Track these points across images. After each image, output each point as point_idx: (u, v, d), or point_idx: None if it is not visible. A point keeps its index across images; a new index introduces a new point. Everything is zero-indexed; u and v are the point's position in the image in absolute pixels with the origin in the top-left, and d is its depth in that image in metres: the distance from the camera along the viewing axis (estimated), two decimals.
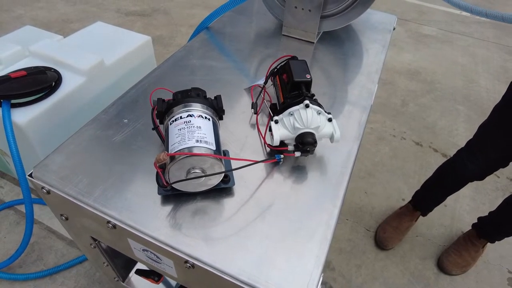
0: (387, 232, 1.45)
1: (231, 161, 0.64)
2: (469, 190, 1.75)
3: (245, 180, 0.64)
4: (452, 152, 1.82)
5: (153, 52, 1.61)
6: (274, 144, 0.64)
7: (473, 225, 1.42)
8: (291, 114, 0.64)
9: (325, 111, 0.66)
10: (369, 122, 2.08)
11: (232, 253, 0.53)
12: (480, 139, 1.14)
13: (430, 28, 3.18)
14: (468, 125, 2.14)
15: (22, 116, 1.13)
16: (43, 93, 1.19)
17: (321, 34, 1.12)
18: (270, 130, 0.65)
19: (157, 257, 0.59)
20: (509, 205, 1.21)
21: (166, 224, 0.56)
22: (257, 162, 0.60)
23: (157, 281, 0.85)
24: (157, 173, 0.55)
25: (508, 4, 3.85)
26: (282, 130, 0.65)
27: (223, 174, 0.57)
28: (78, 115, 1.28)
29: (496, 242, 1.48)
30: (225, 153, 0.67)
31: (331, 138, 0.66)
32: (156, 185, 0.60)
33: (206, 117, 0.59)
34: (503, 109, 1.06)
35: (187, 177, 0.53)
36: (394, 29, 1.28)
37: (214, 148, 0.55)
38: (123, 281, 0.94)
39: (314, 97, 0.69)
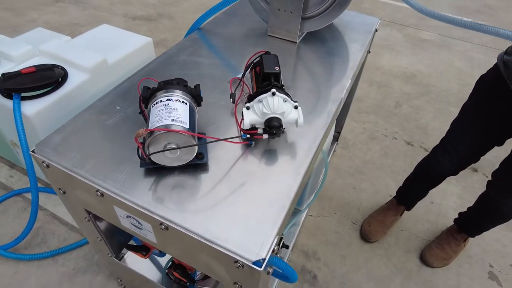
0: (372, 225, 1.51)
1: (207, 140, 0.72)
2: (457, 188, 1.80)
3: (221, 159, 0.73)
4: None
5: (153, 53, 1.72)
6: (245, 128, 0.73)
7: (455, 220, 1.47)
8: (260, 101, 0.72)
9: (292, 100, 0.74)
10: (362, 122, 2.16)
11: (200, 217, 0.61)
12: (451, 136, 1.20)
13: (428, 33, 3.24)
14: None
15: (31, 108, 1.24)
16: (50, 88, 1.30)
17: (304, 34, 1.20)
18: (242, 115, 0.74)
19: (139, 222, 0.67)
20: (484, 200, 1.27)
21: (147, 193, 0.65)
22: (220, 139, 0.69)
23: (145, 255, 0.94)
24: (138, 147, 0.64)
25: (509, 11, 3.88)
26: (253, 115, 0.73)
27: (196, 150, 0.65)
28: (82, 108, 1.38)
29: (480, 238, 1.53)
30: (203, 134, 0.76)
31: (296, 123, 0.74)
32: (139, 161, 0.68)
33: (183, 102, 0.68)
34: (470, 108, 1.12)
35: (163, 150, 0.62)
36: (376, 30, 1.36)
37: (188, 127, 0.64)
38: (116, 257, 1.02)
39: (283, 87, 0.77)
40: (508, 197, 1.12)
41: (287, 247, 1.25)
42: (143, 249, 0.94)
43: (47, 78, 1.31)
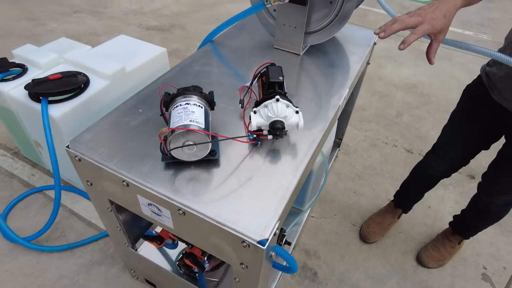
0: (370, 227, 1.59)
1: (218, 138, 0.83)
2: (454, 194, 1.87)
3: (230, 157, 0.83)
4: None
5: (167, 62, 1.84)
6: (252, 129, 0.83)
7: (450, 223, 1.54)
8: (266, 106, 0.82)
9: (294, 105, 0.84)
10: (363, 130, 2.25)
11: (213, 204, 0.71)
12: (442, 141, 1.29)
13: None
14: None
15: (57, 111, 1.36)
16: (74, 93, 1.42)
17: (308, 47, 1.31)
18: (250, 118, 0.84)
19: (158, 209, 0.77)
20: (475, 201, 1.34)
21: (167, 183, 0.75)
22: (230, 138, 0.80)
23: (159, 244, 1.03)
24: (161, 143, 0.75)
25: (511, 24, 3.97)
26: (259, 118, 0.83)
27: (210, 147, 0.75)
28: (102, 112, 1.49)
29: (475, 241, 1.60)
30: (216, 134, 0.86)
31: (297, 126, 0.84)
32: (160, 156, 0.79)
33: (199, 105, 0.79)
34: (458, 115, 1.22)
35: (182, 145, 0.72)
36: (375, 43, 1.46)
37: (203, 127, 0.74)
38: (132, 247, 1.12)
39: (286, 95, 0.87)
40: (496, 196, 1.20)
41: (289, 243, 1.34)
42: (158, 239, 1.04)
43: (72, 84, 1.43)
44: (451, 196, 1.85)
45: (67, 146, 0.83)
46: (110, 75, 1.52)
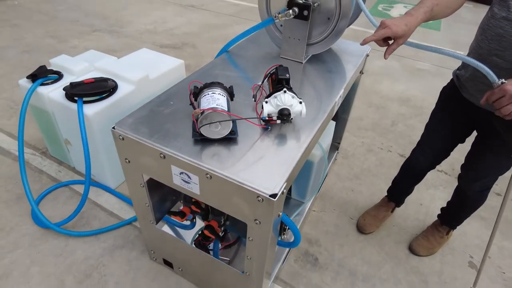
0: (366, 219, 1.75)
1: (237, 119, 1.02)
2: (444, 194, 2.03)
3: (247, 138, 1.02)
4: None
5: (184, 72, 2.07)
6: (264, 116, 1.02)
7: (438, 215, 1.70)
8: (275, 97, 1.02)
9: (298, 97, 1.04)
10: (361, 137, 2.44)
11: (234, 170, 0.89)
12: (425, 137, 1.49)
13: (424, 64, 3.59)
14: None
15: (90, 110, 1.56)
16: (104, 95, 1.63)
17: (309, 57, 1.53)
18: (262, 107, 1.03)
19: (188, 177, 0.96)
20: (456, 191, 1.52)
21: (196, 155, 0.93)
22: (245, 118, 0.99)
23: (182, 218, 1.20)
24: (193, 122, 0.94)
25: None
26: (270, 107, 1.03)
27: (231, 125, 0.94)
28: (128, 113, 1.70)
29: (463, 234, 1.75)
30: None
31: (300, 113, 1.03)
32: (190, 136, 0.98)
33: (222, 95, 0.99)
34: (436, 112, 1.41)
35: (210, 122, 0.91)
36: (367, 55, 1.68)
37: (226, 110, 0.93)
38: (156, 224, 1.29)
39: (292, 89, 1.07)
40: (472, 182, 1.37)
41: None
42: (180, 214, 1.21)
43: (103, 87, 1.64)
44: (441, 195, 2.01)
45: (113, 128, 1.03)
46: (135, 81, 1.73)
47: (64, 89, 1.61)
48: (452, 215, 1.59)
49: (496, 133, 1.17)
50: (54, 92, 1.66)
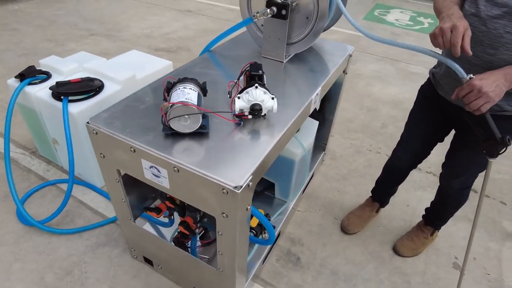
0: (350, 219, 1.75)
1: (206, 113, 1.03)
2: (431, 195, 2.00)
3: (219, 133, 1.03)
4: (421, 166, 2.14)
5: None
6: (236, 111, 1.03)
7: (422, 215, 1.70)
8: (247, 93, 1.03)
9: (270, 93, 1.05)
10: (350, 139, 2.44)
11: (201, 163, 0.90)
12: (404, 135, 1.49)
13: (418, 67, 3.60)
14: (438, 145, 2.43)
15: (75, 108, 1.58)
16: (90, 94, 1.65)
17: (291, 56, 1.54)
18: (234, 102, 1.05)
19: (158, 170, 0.96)
20: (438, 190, 1.51)
21: (165, 149, 0.95)
22: (214, 112, 1.00)
23: (157, 214, 1.21)
24: (162, 116, 0.95)
25: None
26: (242, 102, 1.04)
27: (200, 119, 0.96)
28: None
29: (448, 235, 1.74)
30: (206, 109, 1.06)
31: (272, 109, 1.04)
32: (162, 129, 0.99)
33: (194, 90, 1.00)
34: (415, 111, 1.42)
35: (177, 115, 0.93)
36: (351, 55, 1.69)
37: (196, 104, 0.95)
38: (134, 220, 1.29)
39: (264, 85, 1.08)
40: (451, 179, 1.38)
41: (274, 227, 1.50)
42: (156, 210, 1.21)
43: (89, 86, 1.67)
44: (428, 196, 2.00)
45: (87, 122, 1.04)
46: (122, 81, 1.76)
47: (50, 88, 1.63)
48: (436, 214, 1.59)
49: (471, 129, 1.17)
50: (41, 92, 1.68)
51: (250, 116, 1.04)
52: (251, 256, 1.46)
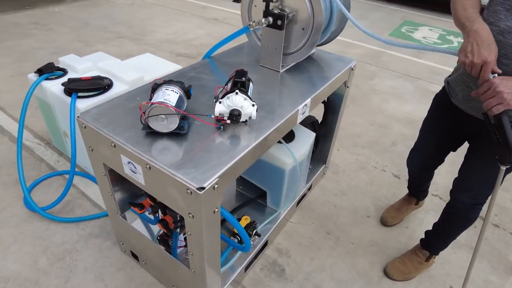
0: (389, 213, 1.86)
1: (182, 114, 1.06)
2: (434, 218, 1.91)
3: (199, 136, 1.05)
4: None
5: None
6: (215, 114, 1.06)
7: (420, 239, 1.63)
8: (228, 98, 1.06)
9: (251, 100, 1.07)
10: (355, 154, 2.40)
11: (172, 162, 0.93)
12: (417, 142, 1.58)
13: (438, 87, 3.46)
14: (450, 167, 2.32)
15: (83, 104, 1.68)
16: (98, 92, 1.75)
17: (289, 66, 1.55)
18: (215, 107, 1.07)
19: (134, 166, 1.01)
20: (446, 208, 1.46)
21: (143, 146, 0.99)
22: (188, 114, 1.03)
23: (140, 210, 1.25)
24: (141, 115, 1.00)
25: None
26: (221, 107, 1.06)
27: (177, 120, 0.99)
28: None
29: (446, 262, 1.66)
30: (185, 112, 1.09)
31: (251, 116, 1.06)
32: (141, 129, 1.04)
33: (175, 92, 1.04)
34: (428, 119, 1.50)
35: (154, 115, 0.96)
36: (352, 69, 1.68)
37: (173, 105, 0.98)
38: (120, 214, 1.34)
39: (247, 92, 1.10)
40: (462, 193, 1.34)
41: (259, 235, 1.51)
42: (139, 206, 1.25)
43: (98, 84, 1.76)
44: (430, 220, 1.92)
45: (78, 117, 1.11)
46: (130, 81, 1.84)
47: (62, 84, 1.74)
48: (437, 235, 1.53)
49: (486, 141, 1.16)
50: (55, 87, 1.80)
51: (228, 121, 1.06)
52: (233, 261, 1.46)
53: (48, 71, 1.87)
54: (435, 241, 1.56)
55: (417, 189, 1.83)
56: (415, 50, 4.39)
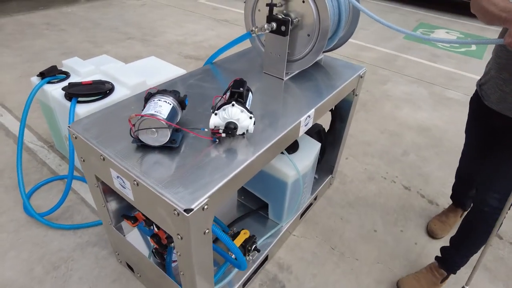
0: (436, 225, 1.81)
1: (173, 127, 1.00)
2: (446, 237, 1.82)
3: (192, 149, 1.00)
4: (440, 201, 2.00)
5: None
6: (210, 127, 1.00)
7: (436, 257, 1.54)
8: (224, 110, 1.00)
9: (249, 112, 1.01)
10: (365, 163, 2.30)
11: (160, 179, 0.88)
12: (464, 142, 1.65)
13: (455, 93, 3.33)
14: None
15: (82, 109, 1.65)
16: (99, 97, 1.71)
17: (293, 74, 1.48)
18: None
19: (123, 181, 0.95)
20: (468, 215, 1.39)
21: (132, 161, 0.93)
22: (180, 127, 0.97)
23: (133, 223, 1.20)
24: (130, 128, 0.94)
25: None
26: (217, 119, 1.00)
27: (168, 134, 0.93)
28: None
29: (461, 281, 1.55)
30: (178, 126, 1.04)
31: (248, 129, 0.99)
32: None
33: (168, 103, 0.98)
34: (467, 120, 1.52)
35: (143, 128, 0.91)
36: (361, 77, 1.60)
37: (164, 118, 0.93)
38: (114, 226, 1.30)
39: (244, 103, 1.04)
40: (490, 192, 1.25)
41: (258, 250, 1.44)
42: (132, 219, 1.21)
43: (99, 89, 1.73)
44: (440, 240, 1.81)
45: (69, 126, 1.06)
46: (131, 86, 1.80)
47: (62, 89, 1.72)
48: (456, 249, 1.44)
49: None
50: (56, 91, 1.78)
51: (223, 135, 1.00)
52: (231, 276, 1.40)
53: (51, 74, 1.85)
54: (454, 256, 1.47)
55: (464, 195, 1.80)
56: (431, 54, 4.24)
